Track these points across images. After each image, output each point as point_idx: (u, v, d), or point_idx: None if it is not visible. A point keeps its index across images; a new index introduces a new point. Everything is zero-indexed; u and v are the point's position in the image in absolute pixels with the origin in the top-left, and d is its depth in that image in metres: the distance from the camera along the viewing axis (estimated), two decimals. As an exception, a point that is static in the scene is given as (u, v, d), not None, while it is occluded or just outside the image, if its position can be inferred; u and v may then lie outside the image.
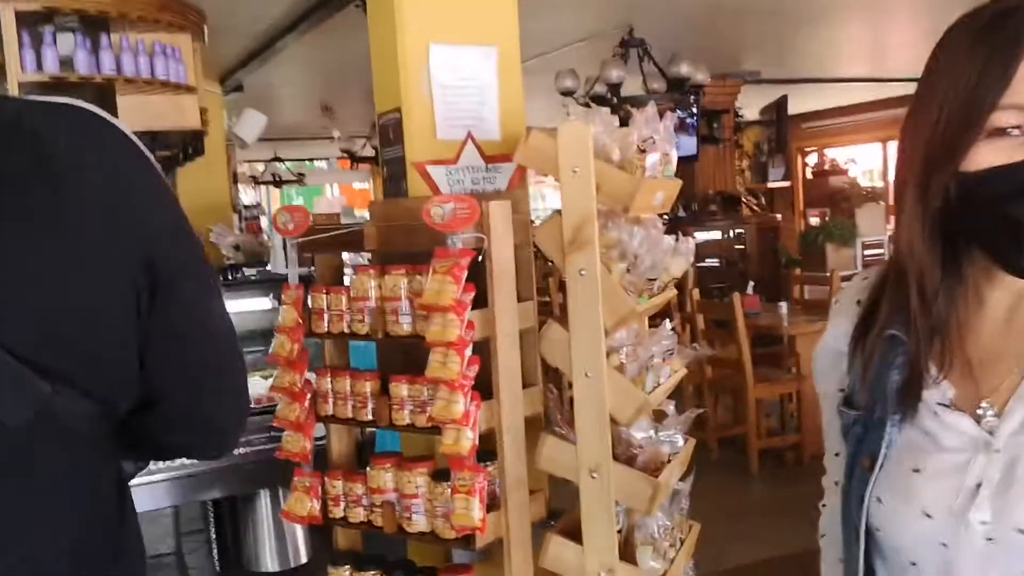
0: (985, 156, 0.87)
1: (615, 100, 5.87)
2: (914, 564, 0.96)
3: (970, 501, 0.91)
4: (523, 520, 2.14)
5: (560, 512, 2.33)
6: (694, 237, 2.43)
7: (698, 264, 8.23)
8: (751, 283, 5.96)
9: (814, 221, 11.17)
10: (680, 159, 2.37)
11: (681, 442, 2.33)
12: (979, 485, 0.90)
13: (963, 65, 0.89)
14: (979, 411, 0.93)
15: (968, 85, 0.88)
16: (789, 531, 4.28)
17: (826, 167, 12.39)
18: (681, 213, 8.63)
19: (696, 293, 5.61)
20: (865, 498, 0.98)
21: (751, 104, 10.17)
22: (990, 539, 0.89)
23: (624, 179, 2.10)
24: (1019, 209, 0.86)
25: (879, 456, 0.97)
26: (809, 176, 12.86)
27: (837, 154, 13.15)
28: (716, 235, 9.08)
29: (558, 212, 2.14)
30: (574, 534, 2.12)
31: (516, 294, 2.13)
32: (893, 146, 13.91)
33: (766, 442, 5.38)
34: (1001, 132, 0.86)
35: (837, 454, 1.11)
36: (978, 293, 0.96)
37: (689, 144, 7.91)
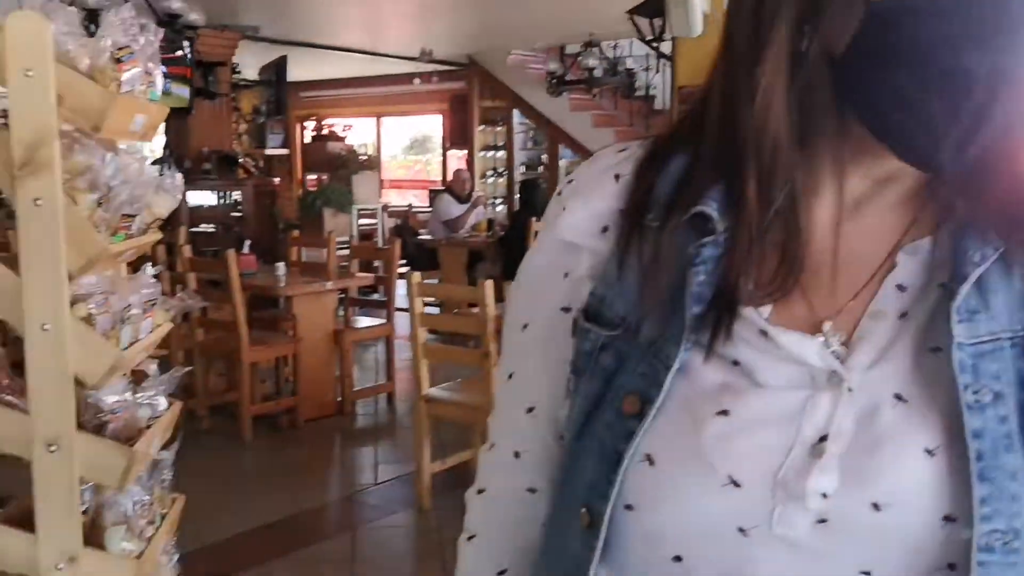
0: None
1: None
2: (678, 559, 0.65)
3: (809, 462, 0.62)
4: (-49, 511, 1.71)
5: (8, 498, 1.92)
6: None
7: (192, 229, 7.77)
8: (247, 242, 5.72)
9: (312, 187, 11.23)
10: (172, 111, 2.08)
11: (164, 405, 2.05)
12: (823, 439, 0.62)
13: None
14: (819, 337, 0.65)
15: None
16: (278, 498, 4.20)
17: (325, 132, 12.53)
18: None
19: (188, 250, 5.22)
20: (624, 458, 0.65)
21: (249, 64, 9.86)
22: (823, 521, 0.61)
23: (94, 90, 1.75)
24: (964, 58, 0.56)
25: (657, 394, 0.64)
26: (308, 140, 12.92)
27: (335, 123, 13.39)
28: (212, 199, 8.66)
29: (5, 126, 1.72)
30: (26, 521, 1.75)
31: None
32: (387, 121, 14.60)
33: (260, 407, 5.21)
34: None
35: (532, 409, 0.77)
36: (822, 178, 0.66)
37: (183, 95, 7.39)
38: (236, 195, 8.72)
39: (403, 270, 7.72)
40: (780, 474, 0.62)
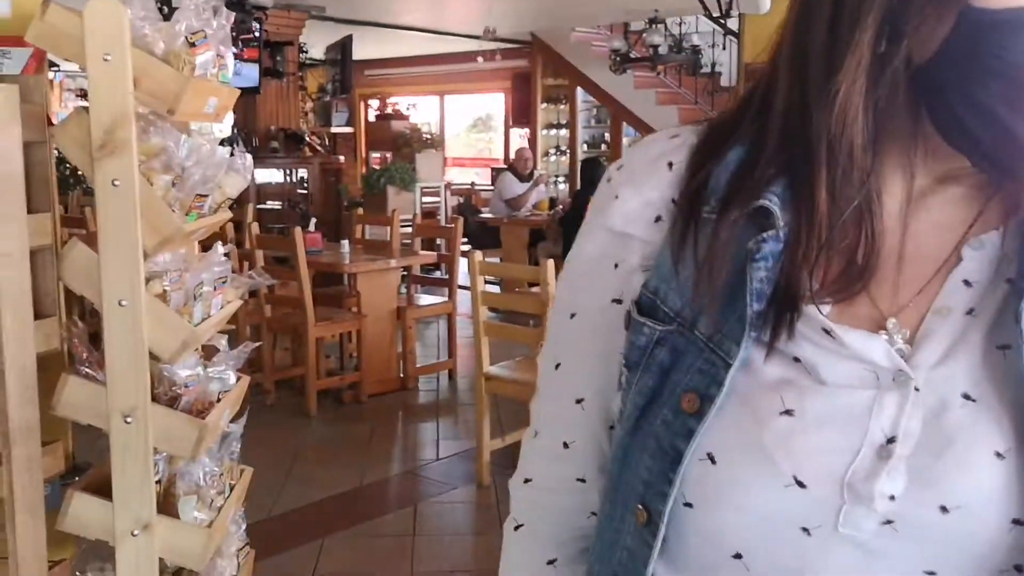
0: None
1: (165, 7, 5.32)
2: (738, 556, 0.64)
3: (877, 465, 0.61)
4: (34, 476, 1.78)
5: (87, 466, 2.00)
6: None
7: (259, 206, 7.91)
8: (313, 220, 5.82)
9: (376, 166, 11.34)
10: (241, 90, 2.13)
11: (233, 379, 2.11)
12: (891, 440, 0.61)
13: None
14: (883, 335, 0.63)
15: None
16: (341, 471, 4.29)
17: (388, 111, 12.63)
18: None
19: (256, 228, 5.33)
20: (684, 456, 0.64)
21: (315, 43, 9.97)
22: (889, 522, 0.60)
23: (169, 74, 1.80)
24: None
25: (717, 392, 0.63)
26: (372, 119, 13.03)
27: (399, 101, 13.48)
28: (278, 177, 8.80)
29: (84, 109, 1.78)
30: (103, 490, 1.83)
31: (26, 203, 1.75)
32: (451, 99, 14.63)
33: (325, 382, 5.32)
34: None
35: (581, 400, 0.76)
36: (889, 178, 0.64)
37: (251, 74, 7.51)
38: (302, 173, 8.86)
39: (465, 248, 7.80)
40: (847, 476, 0.61)
